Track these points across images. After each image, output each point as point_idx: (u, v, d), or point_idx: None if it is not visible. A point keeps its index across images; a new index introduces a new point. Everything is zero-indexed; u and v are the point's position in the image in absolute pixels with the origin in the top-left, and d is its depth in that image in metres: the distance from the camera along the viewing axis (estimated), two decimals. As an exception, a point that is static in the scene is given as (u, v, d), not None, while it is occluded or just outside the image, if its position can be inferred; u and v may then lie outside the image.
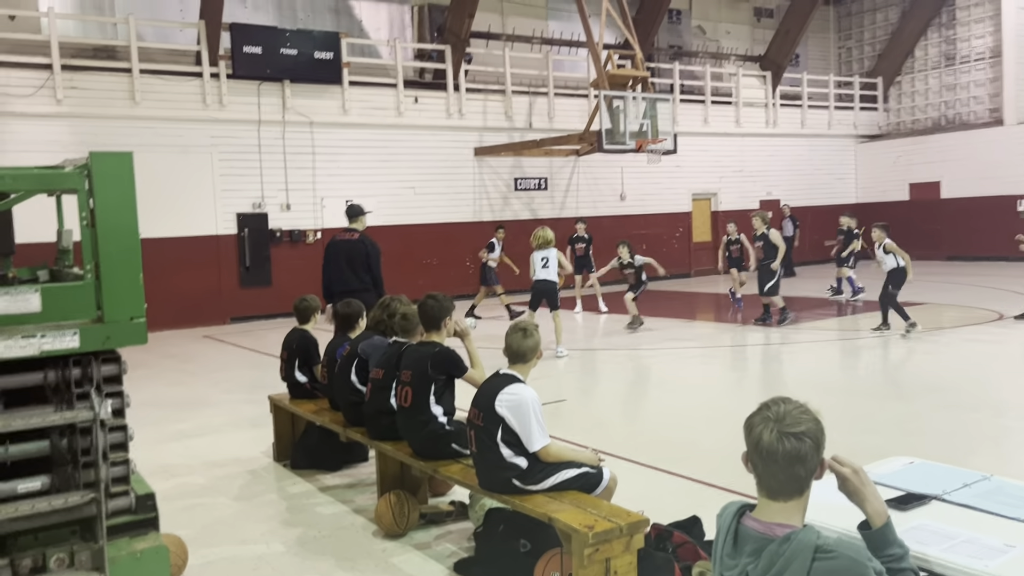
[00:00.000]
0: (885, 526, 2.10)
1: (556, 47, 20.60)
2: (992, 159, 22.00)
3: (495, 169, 19.12)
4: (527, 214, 19.48)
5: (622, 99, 16.51)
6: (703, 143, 21.89)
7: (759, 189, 23.40)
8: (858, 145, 25.56)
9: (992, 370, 9.23)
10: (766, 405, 2.09)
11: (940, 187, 23.31)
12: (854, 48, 26.85)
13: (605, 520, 3.60)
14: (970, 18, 23.74)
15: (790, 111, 24.07)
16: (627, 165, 20.36)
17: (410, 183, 17.81)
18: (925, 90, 25.12)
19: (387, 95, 17.53)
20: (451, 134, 18.31)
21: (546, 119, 19.46)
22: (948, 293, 15.76)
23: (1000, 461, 5.79)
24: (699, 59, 23.43)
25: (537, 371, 9.46)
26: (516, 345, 4.06)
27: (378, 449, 5.09)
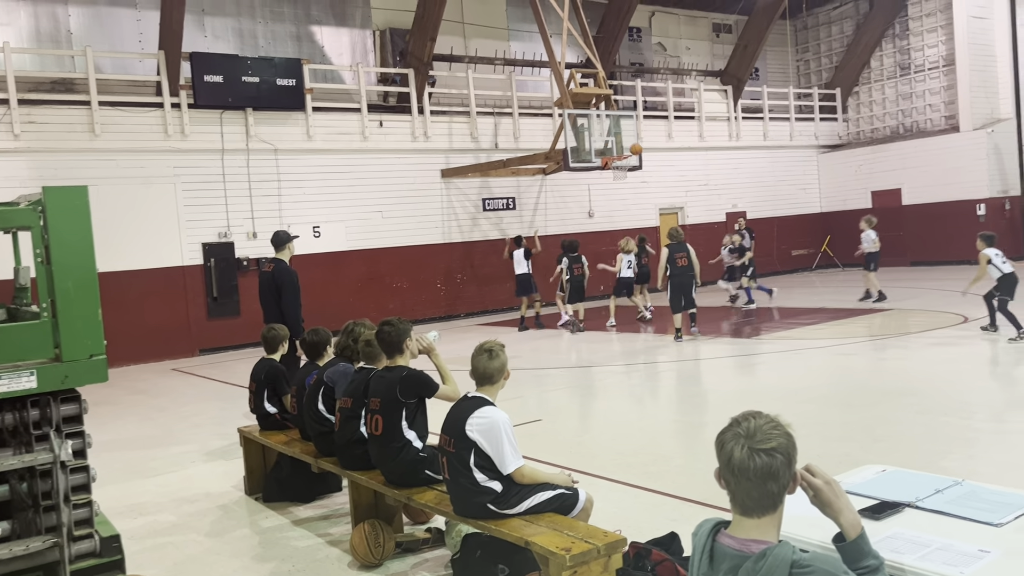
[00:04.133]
0: (859, 537, 2.09)
1: (519, 68, 20.74)
2: (950, 165, 22.45)
3: (463, 190, 19.14)
4: (496, 234, 19.49)
5: (586, 117, 16.62)
6: (668, 158, 22.11)
7: (725, 202, 23.66)
8: (820, 155, 25.96)
9: (959, 373, 9.35)
10: (736, 421, 2.08)
11: (901, 194, 23.72)
12: (812, 61, 27.34)
13: (582, 542, 3.56)
14: (923, 28, 24.30)
15: (752, 124, 24.40)
16: (594, 182, 20.49)
17: (377, 207, 17.76)
18: (882, 99, 25.62)
19: (351, 120, 17.51)
20: (417, 157, 18.31)
21: (512, 139, 19.54)
22: (913, 298, 16.00)
23: (971, 464, 5.84)
24: (661, 75, 23.71)
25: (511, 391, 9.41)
26: (483, 367, 4.01)
27: (350, 479, 5.01)
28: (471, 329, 16.67)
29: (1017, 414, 7.34)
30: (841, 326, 13.49)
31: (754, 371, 10.55)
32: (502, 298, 19.36)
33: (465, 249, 19.08)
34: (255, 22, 17.37)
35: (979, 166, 22.02)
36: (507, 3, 21.08)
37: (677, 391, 10.04)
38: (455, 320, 18.58)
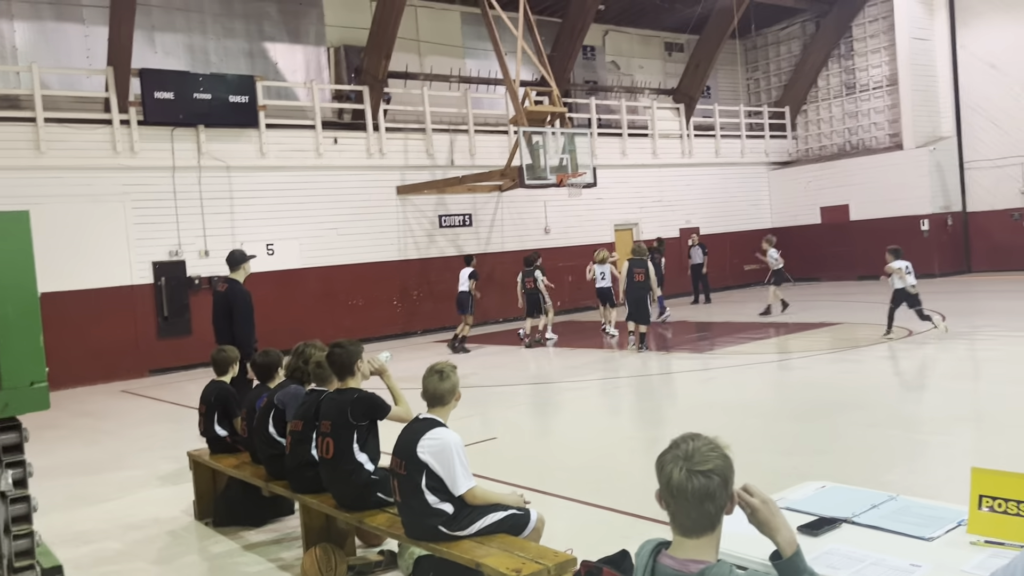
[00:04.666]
0: (795, 555, 2.14)
1: (474, 85, 20.85)
2: (894, 182, 23.10)
3: (419, 207, 19.13)
4: (452, 251, 19.50)
5: (541, 135, 16.78)
6: (622, 175, 22.38)
7: (679, 217, 24.00)
8: (770, 172, 26.50)
9: (905, 386, 9.60)
10: (675, 443, 2.12)
11: (849, 210, 24.32)
12: (761, 79, 27.96)
13: (532, 562, 3.58)
14: (867, 48, 25.01)
15: (704, 141, 24.84)
16: (550, 199, 20.64)
17: (332, 224, 17.67)
18: (829, 118, 26.28)
19: (306, 137, 17.42)
20: (372, 174, 18.27)
21: (468, 156, 19.61)
22: (861, 312, 16.38)
23: (913, 477, 5.99)
24: (614, 93, 24.03)
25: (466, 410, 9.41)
26: (433, 388, 4.02)
27: (302, 502, 4.96)
28: (428, 347, 16.63)
29: (960, 427, 7.54)
30: (791, 340, 13.76)
31: (707, 385, 10.69)
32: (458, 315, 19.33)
33: (421, 266, 19.05)
34: (207, 39, 17.22)
35: (922, 183, 22.69)
36: (462, 21, 21.22)
37: (631, 406, 10.13)
38: (412, 337, 18.52)
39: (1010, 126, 22.20)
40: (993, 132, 22.60)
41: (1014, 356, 10.66)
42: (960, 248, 23.36)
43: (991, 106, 22.55)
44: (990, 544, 2.41)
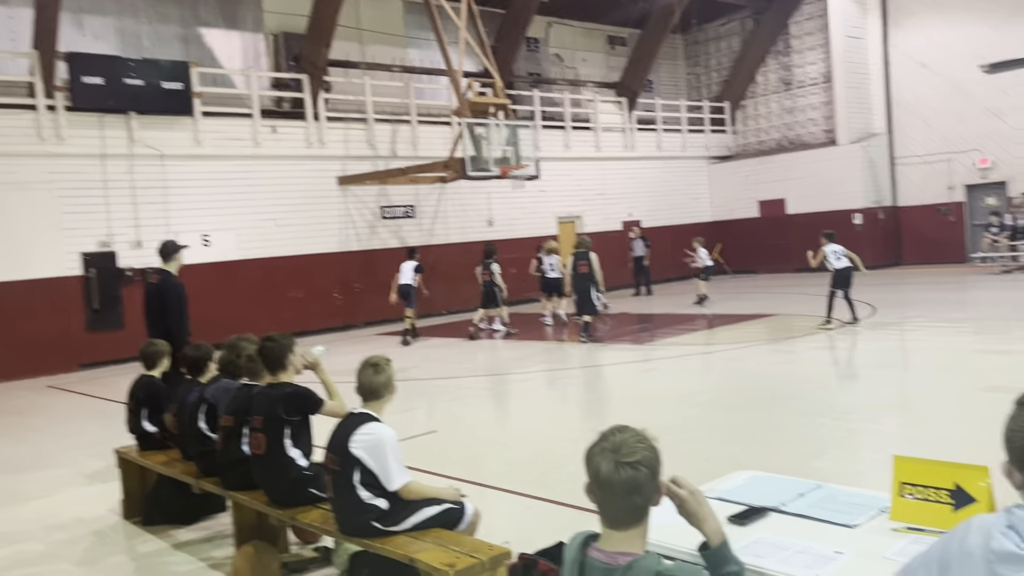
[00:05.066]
0: (722, 544, 2.16)
1: (417, 75, 20.66)
2: (829, 177, 23.67)
3: (360, 198, 18.89)
4: (395, 242, 19.32)
5: (484, 126, 16.71)
6: (565, 168, 22.45)
7: (621, 211, 24.19)
8: (710, 166, 26.90)
9: (837, 376, 9.85)
10: (603, 436, 2.11)
11: (785, 204, 24.84)
12: (702, 74, 28.33)
13: (467, 556, 3.55)
14: (803, 46, 25.54)
15: (646, 135, 25.07)
16: (493, 191, 20.59)
17: (271, 214, 17.33)
18: (768, 113, 26.78)
19: (243, 125, 17.03)
20: (312, 163, 17.97)
21: (410, 147, 19.43)
22: (797, 304, 16.75)
23: (842, 464, 6.14)
24: (558, 86, 24.07)
25: (405, 403, 9.32)
26: (367, 382, 3.95)
27: (233, 499, 4.85)
28: (369, 339, 16.46)
29: (887, 415, 7.77)
30: (729, 331, 14.00)
31: (647, 376, 10.80)
32: (401, 307, 19.18)
33: (363, 257, 18.83)
34: (138, 22, 16.69)
35: (855, 178, 23.31)
36: (404, 10, 21.00)
37: (572, 398, 10.17)
38: (354, 330, 18.30)
39: (938, 123, 22.94)
40: (922, 129, 23.32)
41: (940, 345, 11.02)
42: (891, 241, 24.07)
43: (920, 104, 23.26)
44: (911, 531, 2.47)
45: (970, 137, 22.32)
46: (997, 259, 19.90)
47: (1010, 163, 21.72)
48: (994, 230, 20.38)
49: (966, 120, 22.36)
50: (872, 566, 2.24)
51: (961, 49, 22.09)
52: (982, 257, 20.43)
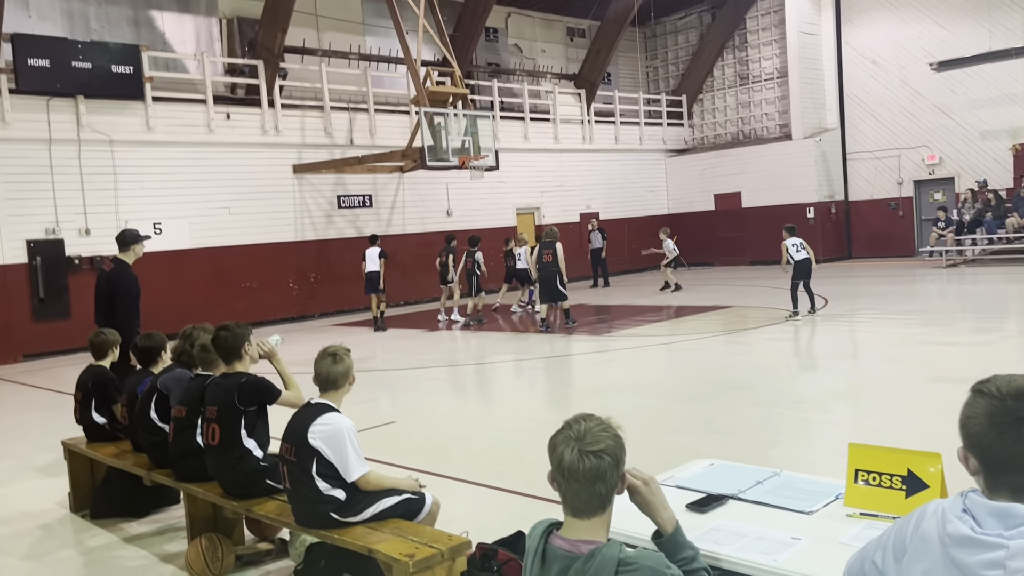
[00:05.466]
0: (675, 531, 2.18)
1: (374, 63, 20.45)
2: (784, 171, 24.04)
3: (316, 187, 18.66)
4: (352, 232, 19.14)
5: (443, 116, 16.61)
6: (524, 159, 22.44)
7: (579, 202, 24.29)
8: (667, 159, 27.12)
9: (790, 366, 10.01)
10: (568, 424, 2.11)
11: (741, 197, 25.17)
12: (660, 68, 28.53)
13: (426, 546, 3.53)
14: (759, 41, 25.86)
15: (604, 127, 25.17)
16: (452, 181, 20.50)
17: (224, 203, 17.03)
18: (724, 107, 27.08)
19: (196, 111, 16.69)
20: (268, 151, 17.69)
21: (368, 135, 19.23)
22: (751, 296, 17.01)
23: (797, 452, 6.25)
24: (517, 77, 24.03)
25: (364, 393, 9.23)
26: (326, 372, 3.89)
27: (186, 491, 4.75)
28: (325, 330, 16.30)
29: (840, 404, 7.92)
30: (685, 322, 14.15)
31: (606, 367, 10.86)
32: (358, 297, 19.02)
33: (319, 247, 18.62)
34: (87, 4, 16.22)
35: (808, 172, 23.70)
36: (362, -3, 20.75)
37: (532, 388, 10.19)
38: (309, 320, 18.11)
39: (888, 120, 23.43)
40: (873, 125, 23.81)
41: (890, 336, 11.27)
42: (842, 235, 24.56)
43: (872, 100, 23.73)
44: (865, 516, 2.51)
45: (919, 133, 22.85)
46: (944, 253, 20.42)
47: (957, 159, 22.29)
48: (941, 225, 20.90)
49: (915, 117, 22.88)
50: (828, 551, 2.27)
51: (911, 47, 22.58)
52: (929, 251, 20.94)
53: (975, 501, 1.62)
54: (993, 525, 1.57)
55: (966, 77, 21.61)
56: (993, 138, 21.59)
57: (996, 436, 1.58)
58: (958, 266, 20.08)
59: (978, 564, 1.55)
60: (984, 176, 21.23)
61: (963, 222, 20.49)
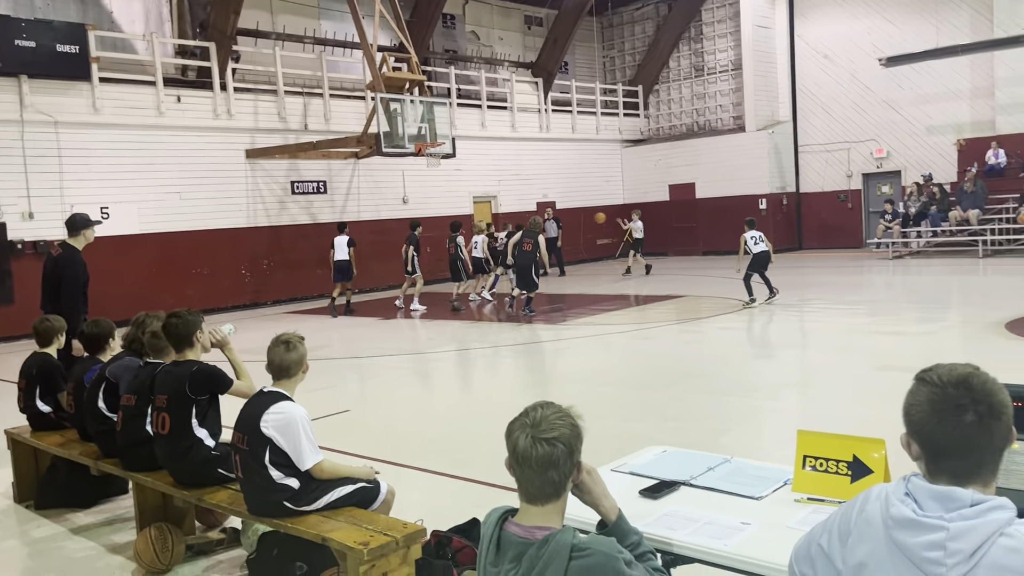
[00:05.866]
0: (619, 519, 2.21)
1: (330, 48, 20.18)
2: (737, 162, 24.37)
3: (269, 172, 18.38)
4: (306, 218, 18.91)
5: (399, 102, 16.47)
6: (481, 147, 22.38)
7: (536, 191, 24.32)
8: (623, 149, 27.29)
9: (742, 355, 10.18)
10: (526, 411, 2.12)
11: (695, 188, 25.45)
12: (617, 58, 28.64)
13: (381, 535, 3.52)
14: (715, 33, 26.12)
15: (561, 116, 25.22)
16: (408, 168, 20.36)
17: (175, 188, 16.68)
18: (679, 98, 27.32)
19: (145, 93, 16.29)
20: (219, 135, 17.36)
21: (322, 121, 18.99)
22: (704, 285, 17.24)
23: (748, 439, 6.37)
24: (474, 64, 23.93)
25: (320, 381, 9.16)
26: (279, 360, 3.85)
27: (135, 481, 4.67)
28: (278, 318, 16.10)
29: (790, 393, 8.09)
30: (640, 311, 14.30)
31: (562, 355, 10.93)
32: (312, 284, 18.85)
33: (272, 234, 18.37)
34: (30, -20, 15.70)
35: (761, 164, 24.07)
36: (317, -20, 20.43)
37: (488, 376, 10.20)
38: (262, 308, 17.87)
39: (839, 113, 23.89)
40: (824, 118, 24.25)
41: (838, 326, 11.53)
42: (793, 226, 25.00)
43: (822, 93, 24.16)
44: (812, 501, 2.57)
45: (868, 127, 23.35)
46: (890, 245, 20.92)
47: (904, 153, 22.83)
48: (888, 217, 21.40)
49: (864, 111, 23.36)
50: (776, 535, 2.33)
51: (861, 42, 23.03)
52: (876, 243, 21.44)
53: (917, 485, 1.67)
54: (934, 508, 1.62)
55: (914, 73, 22.11)
56: (939, 133, 22.16)
57: (937, 423, 1.63)
58: (903, 258, 20.60)
59: (919, 545, 1.60)
60: (929, 170, 21.79)
61: (909, 215, 21.01)
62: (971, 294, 14.58)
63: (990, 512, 1.57)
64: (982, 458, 1.63)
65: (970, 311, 12.30)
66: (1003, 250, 19.70)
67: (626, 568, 1.99)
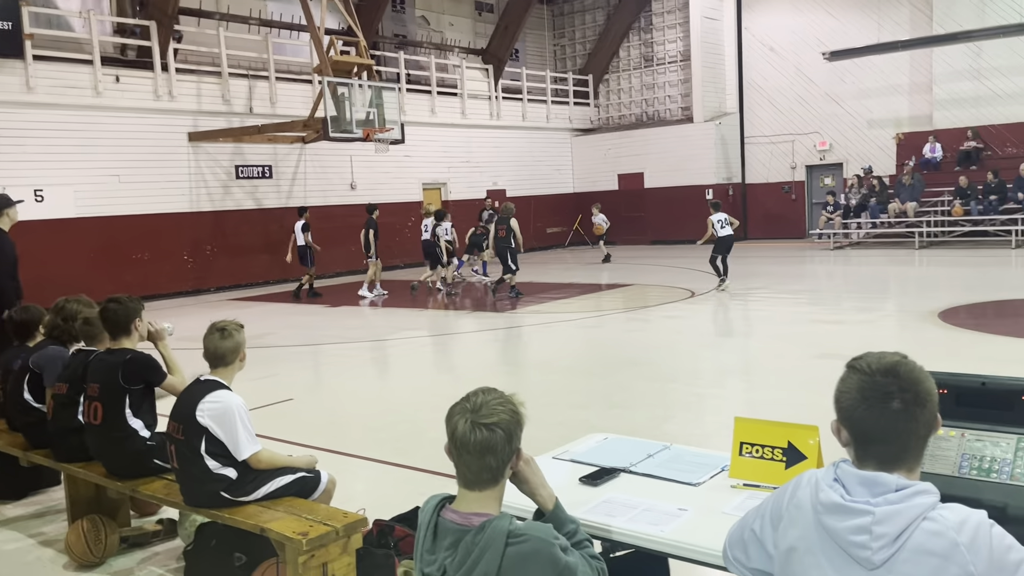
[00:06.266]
0: (556, 508, 2.22)
1: (276, 30, 19.79)
2: (685, 153, 24.64)
3: (213, 156, 17.98)
4: (251, 203, 18.57)
5: (347, 86, 16.24)
6: (431, 133, 22.22)
7: (486, 179, 24.25)
8: (573, 138, 27.36)
9: (686, 343, 10.31)
10: (467, 396, 2.11)
11: (643, 178, 25.67)
12: (567, 46, 28.67)
13: (321, 524, 3.47)
14: (664, 24, 26.31)
15: (512, 104, 25.16)
16: (356, 154, 20.12)
17: (114, 170, 16.21)
18: (629, 88, 27.47)
19: (83, 72, 15.77)
20: (161, 117, 16.90)
21: (268, 104, 18.63)
22: (651, 274, 17.43)
23: (691, 426, 6.46)
24: (424, 50, 23.71)
25: (263, 369, 9.01)
26: (214, 347, 3.75)
27: (67, 472, 4.53)
28: (221, 304, 15.80)
29: (732, 380, 8.23)
30: (588, 300, 14.39)
31: (510, 343, 10.94)
32: (257, 271, 18.54)
33: (216, 218, 17.99)
34: (-42, -49, 15.04)
35: (708, 155, 24.38)
36: (263, -40, 20.00)
37: (436, 364, 10.16)
38: (205, 295, 17.51)
39: (784, 105, 24.31)
40: (770, 110, 24.65)
41: (780, 315, 11.76)
42: (738, 217, 25.35)
43: (768, 86, 24.55)
44: (748, 487, 2.61)
45: (811, 120, 23.81)
46: (831, 236, 21.40)
47: (846, 146, 23.35)
48: (829, 208, 21.88)
49: (808, 104, 23.81)
50: (712, 521, 2.35)
51: (806, 36, 23.44)
52: (819, 234, 21.91)
53: (845, 471, 1.71)
54: (861, 493, 1.65)
55: (856, 67, 22.59)
56: (879, 127, 22.70)
57: (865, 409, 1.66)
58: (844, 248, 21.10)
59: (846, 529, 1.63)
60: (870, 163, 22.32)
61: (850, 206, 21.51)
62: (907, 284, 15.01)
63: (914, 497, 1.61)
64: (907, 444, 1.67)
65: (906, 301, 12.66)
66: (938, 242, 20.31)
67: (562, 554, 1.99)
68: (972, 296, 11.99)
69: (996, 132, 20.81)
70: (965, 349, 8.61)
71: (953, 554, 1.54)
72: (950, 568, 1.54)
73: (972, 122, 20.96)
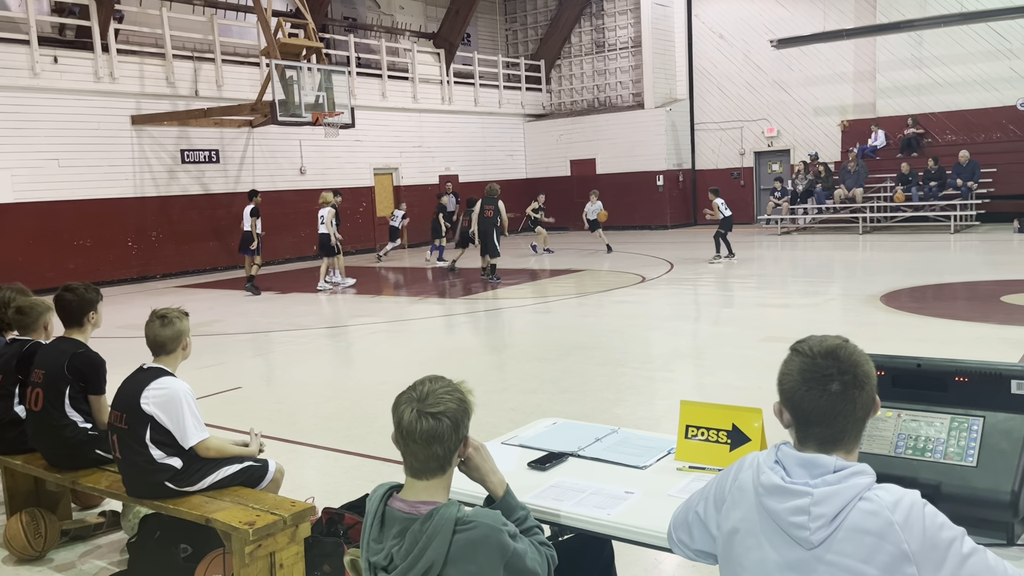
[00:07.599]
0: (506, 495, 2.22)
1: (222, 11, 19.35)
2: (636, 139, 24.81)
3: (157, 140, 17.55)
4: (197, 188, 18.19)
5: (296, 69, 15.97)
6: (382, 118, 22.00)
7: (438, 164, 24.12)
8: (526, 123, 27.34)
9: (637, 327, 10.41)
10: (414, 385, 2.09)
11: (596, 163, 25.78)
12: (519, 31, 28.57)
13: (268, 514, 3.43)
14: (615, 9, 26.37)
15: (464, 89, 25.02)
16: (306, 138, 19.84)
17: (53, 154, 15.73)
18: (581, 74, 27.51)
19: (18, 53, 15.24)
20: (102, 100, 16.43)
21: (214, 87, 18.23)
22: (602, 260, 17.53)
23: (641, 409, 6.53)
24: (374, 33, 23.41)
25: (211, 357, 8.86)
26: (154, 335, 3.66)
27: (4, 464, 4.40)
28: (167, 292, 15.47)
29: (681, 364, 8.34)
30: (541, 285, 14.43)
31: (462, 329, 10.92)
32: (204, 257, 18.20)
33: (161, 204, 17.59)
34: None
35: (659, 141, 24.58)
36: (208, -62, 19.49)
37: (387, 352, 10.09)
38: (151, 282, 17.14)
39: (733, 92, 24.61)
40: (719, 97, 24.93)
41: (729, 299, 11.94)
42: (688, 202, 25.70)
43: (718, 73, 24.81)
44: (693, 469, 2.65)
45: (759, 107, 24.15)
46: (779, 221, 21.78)
47: (793, 133, 23.75)
48: (777, 194, 22.25)
49: (756, 91, 24.14)
50: (658, 503, 2.38)
51: (754, 23, 23.73)
52: (766, 219, 22.28)
53: (786, 453, 1.74)
54: (800, 475, 1.68)
55: (803, 55, 22.96)
56: (825, 114, 23.13)
57: (806, 392, 1.69)
58: (791, 233, 21.49)
59: (786, 511, 1.66)
60: (816, 149, 22.75)
61: (796, 192, 21.90)
62: (851, 269, 15.35)
63: (851, 477, 1.64)
64: (845, 426, 1.70)
65: (850, 285, 12.95)
66: (881, 227, 20.81)
67: (510, 540, 1.99)
68: (913, 280, 12.33)
69: (936, 120, 21.37)
70: (905, 331, 8.85)
71: (888, 533, 1.58)
72: (885, 546, 1.58)
73: (914, 110, 21.49)
